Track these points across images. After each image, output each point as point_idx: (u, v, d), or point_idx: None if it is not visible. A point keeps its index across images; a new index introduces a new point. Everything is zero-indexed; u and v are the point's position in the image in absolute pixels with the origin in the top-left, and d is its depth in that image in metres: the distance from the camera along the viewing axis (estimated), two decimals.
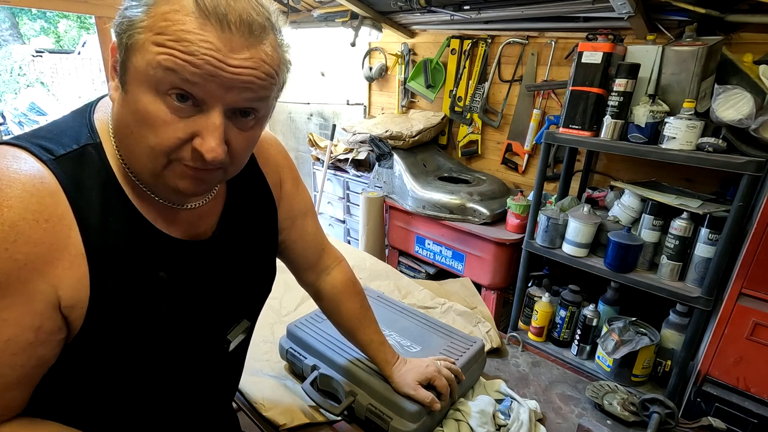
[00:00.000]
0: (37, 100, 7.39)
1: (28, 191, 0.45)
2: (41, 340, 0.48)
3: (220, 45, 0.45)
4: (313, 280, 0.88)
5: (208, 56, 0.44)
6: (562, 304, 1.74)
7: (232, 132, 0.51)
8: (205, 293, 0.63)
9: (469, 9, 2.11)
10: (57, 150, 0.49)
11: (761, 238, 1.21)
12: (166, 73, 0.45)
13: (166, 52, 0.44)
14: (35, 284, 0.46)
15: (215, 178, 0.54)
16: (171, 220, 0.58)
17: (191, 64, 0.44)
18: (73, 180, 0.49)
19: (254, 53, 0.47)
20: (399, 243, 2.46)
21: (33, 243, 0.45)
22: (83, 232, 0.49)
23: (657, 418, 0.89)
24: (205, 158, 0.48)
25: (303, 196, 0.81)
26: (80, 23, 11.36)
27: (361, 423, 0.89)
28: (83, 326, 0.50)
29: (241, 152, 0.53)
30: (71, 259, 0.48)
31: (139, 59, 0.46)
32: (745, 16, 1.50)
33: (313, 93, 3.29)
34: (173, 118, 0.47)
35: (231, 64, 0.46)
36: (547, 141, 1.72)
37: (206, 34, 0.44)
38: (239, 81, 0.47)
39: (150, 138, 0.47)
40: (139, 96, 0.47)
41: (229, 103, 0.48)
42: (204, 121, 0.48)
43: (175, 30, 0.44)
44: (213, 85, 0.46)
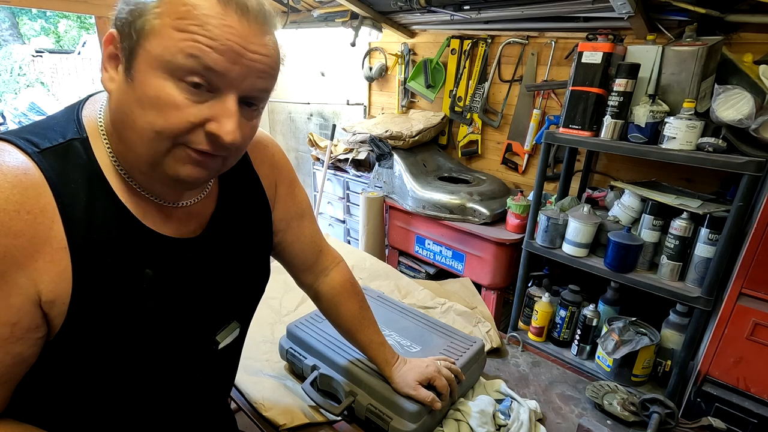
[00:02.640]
0: (37, 100, 7.38)
1: (10, 182, 0.45)
2: (17, 336, 0.47)
3: (241, 30, 0.46)
4: (311, 282, 0.88)
5: (231, 41, 0.46)
6: (562, 304, 1.74)
7: (241, 120, 0.51)
8: (193, 292, 0.62)
9: (469, 9, 2.11)
10: (42, 143, 0.49)
11: (761, 238, 1.21)
12: (188, 59, 0.45)
13: (188, 38, 0.45)
14: (14, 277, 0.45)
15: (215, 166, 0.54)
16: (160, 217, 0.58)
17: (214, 50, 0.45)
18: (58, 173, 0.49)
19: (266, 41, 0.49)
20: (399, 243, 2.46)
21: (13, 235, 0.44)
22: (66, 225, 0.48)
23: (657, 418, 0.89)
24: (222, 141, 0.49)
25: (300, 197, 0.81)
26: (80, 23, 11.37)
27: (361, 423, 0.89)
28: (65, 323, 0.50)
29: (244, 142, 0.54)
30: (53, 253, 0.47)
31: (155, 44, 0.46)
32: (745, 16, 1.50)
33: (313, 93, 3.29)
34: (186, 103, 0.47)
35: (250, 50, 0.47)
36: (547, 141, 1.72)
37: (228, 19, 0.46)
38: (256, 69, 0.49)
39: (157, 122, 0.47)
40: (150, 81, 0.47)
41: (244, 90, 0.50)
42: (220, 106, 0.49)
43: (197, 14, 0.45)
44: (233, 72, 0.47)
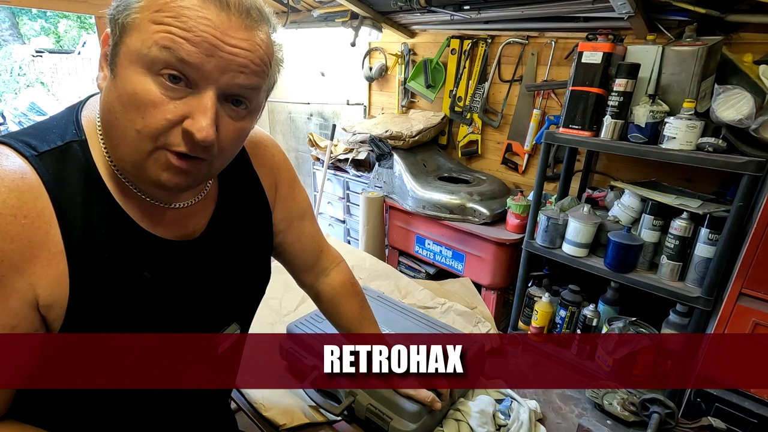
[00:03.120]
0: (37, 100, 7.37)
1: (7, 186, 0.45)
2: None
3: (218, 23, 0.45)
4: (311, 282, 0.88)
5: (207, 33, 0.45)
6: (562, 304, 1.74)
7: (224, 120, 0.50)
8: (192, 295, 0.61)
9: (469, 9, 2.11)
10: (40, 146, 0.49)
11: (761, 238, 1.21)
12: (162, 51, 0.44)
13: (163, 30, 0.44)
14: (12, 281, 0.45)
15: (199, 171, 0.52)
16: (158, 219, 0.57)
17: (188, 41, 0.44)
18: (55, 176, 0.48)
19: (250, 36, 0.48)
20: (399, 243, 2.46)
21: (10, 239, 0.44)
22: (63, 228, 0.48)
23: (657, 418, 0.89)
24: (195, 138, 0.46)
25: (300, 197, 0.80)
26: (80, 23, 11.36)
27: (361, 423, 0.89)
28: (64, 325, 0.49)
29: (229, 143, 0.52)
30: (50, 257, 0.47)
31: (134, 39, 0.45)
32: (745, 16, 1.50)
33: (313, 93, 3.29)
34: (163, 99, 0.46)
35: (228, 43, 0.46)
36: (547, 141, 1.72)
37: (205, 11, 0.45)
38: (235, 63, 0.47)
39: (137, 121, 0.46)
40: (129, 76, 0.46)
41: (222, 86, 0.48)
42: (196, 101, 0.47)
43: (173, 6, 0.44)
44: (209, 65, 0.46)
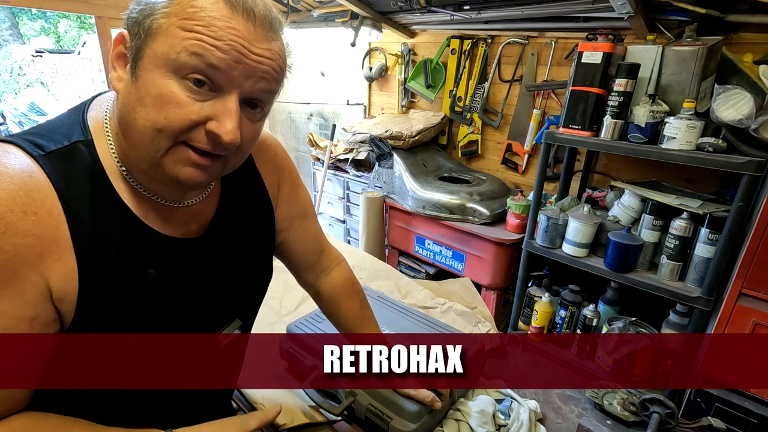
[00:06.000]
0: (37, 100, 7.38)
1: (15, 184, 0.46)
2: (37, 331, 0.48)
3: (245, 33, 0.48)
4: (312, 281, 0.88)
5: (235, 42, 0.47)
6: (562, 304, 1.74)
7: (243, 122, 0.52)
8: (196, 292, 0.63)
9: (469, 9, 2.11)
10: (47, 146, 0.50)
11: (761, 238, 1.21)
12: (192, 57, 0.47)
13: (193, 37, 0.46)
14: (26, 275, 0.46)
15: (216, 168, 0.54)
16: (163, 217, 0.58)
17: (218, 49, 0.47)
18: (63, 175, 0.50)
19: (273, 46, 0.51)
20: (399, 243, 2.46)
21: (22, 234, 0.46)
22: (72, 226, 0.49)
23: (657, 418, 0.89)
24: (221, 140, 0.49)
25: (302, 197, 0.81)
26: (80, 23, 11.36)
27: (361, 423, 0.89)
28: (74, 320, 0.51)
29: (246, 143, 0.55)
30: (60, 252, 0.49)
31: (161, 43, 0.47)
32: (745, 16, 1.50)
33: (313, 93, 3.29)
34: (189, 101, 0.48)
35: (254, 52, 0.49)
36: (547, 141, 1.72)
37: (233, 22, 0.47)
38: (259, 70, 0.50)
39: (159, 119, 0.48)
40: (155, 79, 0.48)
41: (246, 90, 0.51)
42: (221, 105, 0.50)
43: (203, 16, 0.47)
44: (236, 71, 0.49)
